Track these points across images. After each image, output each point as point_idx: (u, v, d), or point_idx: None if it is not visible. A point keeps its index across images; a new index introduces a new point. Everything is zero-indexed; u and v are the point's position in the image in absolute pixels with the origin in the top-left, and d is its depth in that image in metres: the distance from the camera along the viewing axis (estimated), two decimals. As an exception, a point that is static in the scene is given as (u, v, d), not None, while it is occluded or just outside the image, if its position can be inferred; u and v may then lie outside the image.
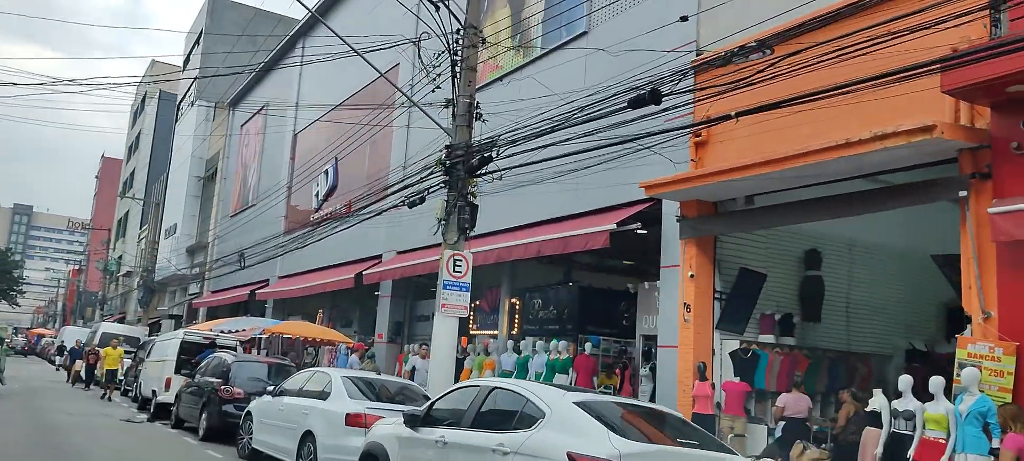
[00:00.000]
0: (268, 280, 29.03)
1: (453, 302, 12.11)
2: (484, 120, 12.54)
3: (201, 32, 45.33)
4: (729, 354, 11.55)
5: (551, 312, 15.91)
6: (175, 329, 38.64)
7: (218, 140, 39.36)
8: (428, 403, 7.17)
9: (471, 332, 18.50)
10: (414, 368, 15.82)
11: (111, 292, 58.90)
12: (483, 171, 11.69)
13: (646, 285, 13.55)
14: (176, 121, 50.13)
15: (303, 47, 30.68)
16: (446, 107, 12.97)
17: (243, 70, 36.36)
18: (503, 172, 11.34)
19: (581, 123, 10.12)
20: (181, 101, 49.82)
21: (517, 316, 16.66)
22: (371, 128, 22.47)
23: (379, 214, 16.84)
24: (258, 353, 21.21)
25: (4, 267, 74.45)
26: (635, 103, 8.94)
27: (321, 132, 27.68)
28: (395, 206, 14.62)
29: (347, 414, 9.08)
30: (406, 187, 13.74)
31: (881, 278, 13.29)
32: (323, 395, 9.88)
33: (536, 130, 10.70)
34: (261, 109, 34.04)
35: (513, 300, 16.92)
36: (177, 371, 16.62)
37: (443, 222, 12.45)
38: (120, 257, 57.91)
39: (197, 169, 40.84)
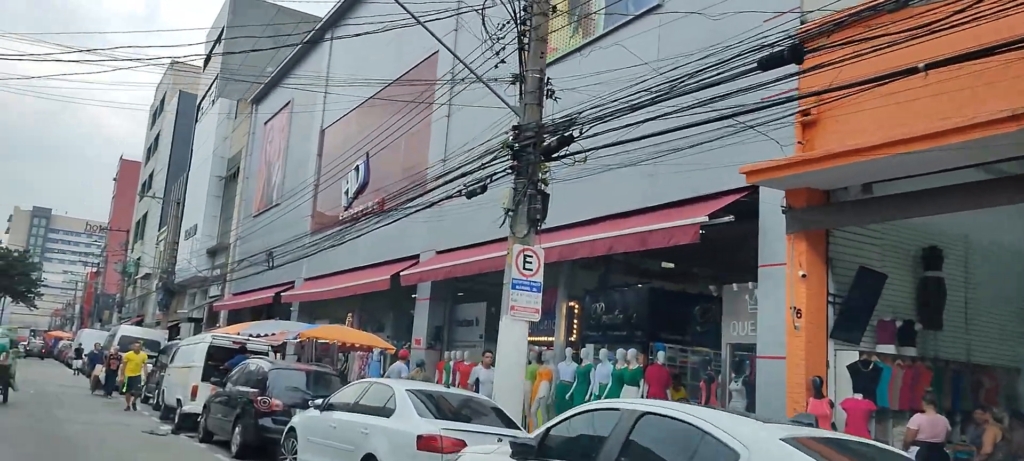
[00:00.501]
0: (294, 282, 27.58)
1: (523, 304, 10.59)
2: (557, 98, 11.02)
3: (222, 30, 44.10)
4: (847, 367, 9.92)
5: (616, 317, 14.32)
6: (195, 333, 37.34)
7: (240, 138, 38.04)
8: (542, 430, 5.59)
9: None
10: (478, 379, 14.25)
11: (129, 295, 57.70)
12: (562, 153, 10.13)
13: (734, 287, 11.94)
14: (196, 121, 48.93)
15: (331, 40, 29.31)
16: (513, 84, 11.45)
17: (267, 66, 35.11)
18: (587, 153, 9.75)
19: (694, 89, 8.52)
20: (202, 100, 48.63)
21: (576, 321, 15.07)
22: (407, 121, 20.96)
23: (429, 206, 15.29)
24: (282, 358, 19.73)
25: (23, 269, 73.52)
26: (767, 63, 7.36)
27: (350, 127, 26.24)
28: (447, 197, 13.05)
29: (419, 436, 7.53)
30: (465, 174, 12.18)
31: (1003, 280, 11.64)
32: (385, 411, 8.34)
33: (629, 103, 9.12)
34: (286, 105, 32.68)
35: (571, 303, 15.34)
36: (204, 378, 15.13)
37: (510, 213, 10.91)
38: (139, 259, 56.73)
39: (218, 169, 39.52)
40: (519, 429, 8.60)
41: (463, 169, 12.50)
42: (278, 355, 19.35)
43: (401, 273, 18.95)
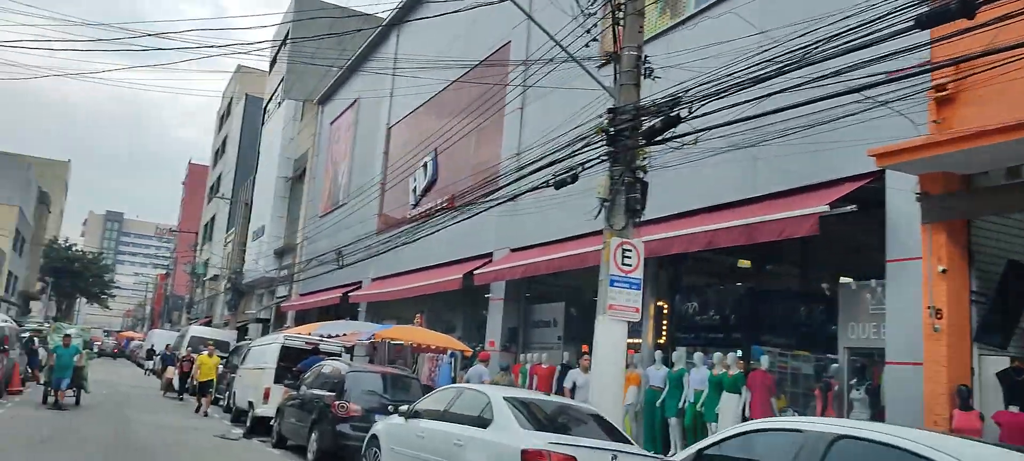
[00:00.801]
0: (361, 282, 27.12)
1: (622, 302, 9.67)
2: (655, 78, 10.05)
3: (287, 32, 44.20)
4: (996, 375, 8.70)
5: (711, 317, 13.25)
6: (263, 333, 37.36)
7: (306, 139, 37.95)
8: (692, 453, 4.64)
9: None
10: (575, 384, 13.35)
11: (198, 296, 58.58)
12: (667, 136, 9.16)
13: (852, 284, 10.77)
14: (263, 123, 49.26)
15: (397, 37, 28.84)
16: (606, 64, 10.54)
17: (332, 67, 34.88)
18: (699, 133, 8.75)
19: (820, 60, 7.47)
20: (268, 103, 48.93)
21: (665, 322, 14.03)
22: (478, 115, 20.20)
23: (508, 200, 14.48)
24: (351, 360, 19.08)
25: (96, 271, 75.59)
26: (930, 19, 6.27)
27: (418, 124, 25.67)
28: (533, 189, 12.17)
29: (524, 451, 6.66)
30: (552, 164, 11.29)
31: None
32: (481, 421, 7.49)
33: (749, 76, 8.09)
34: (352, 104, 32.36)
35: (659, 303, 14.30)
36: (277, 380, 14.58)
37: (606, 204, 9.99)
38: (207, 261, 57.53)
39: (285, 170, 39.53)
40: (629, 442, 7.67)
41: (547, 159, 11.61)
42: (349, 357, 18.75)
43: (474, 272, 18.19)
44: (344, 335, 17.61)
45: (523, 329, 18.41)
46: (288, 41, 45.79)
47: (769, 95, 8.03)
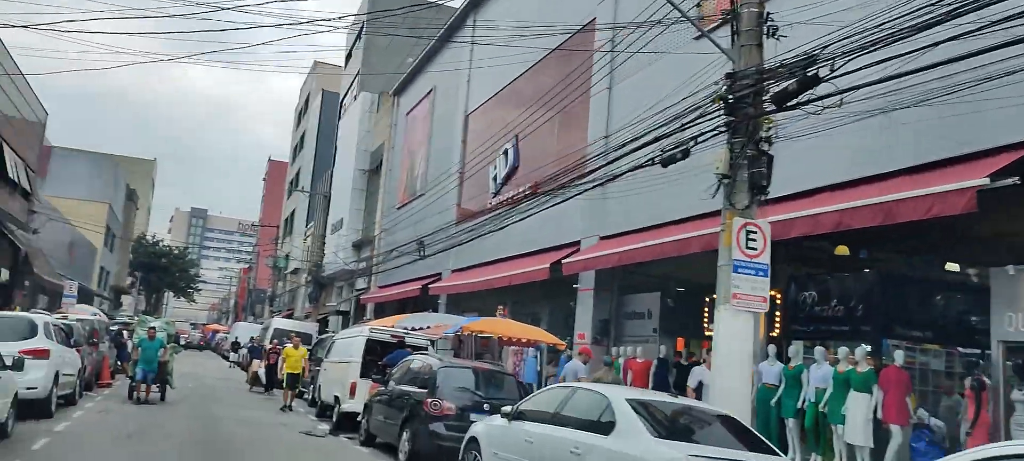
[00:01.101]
0: (440, 274, 26.53)
1: (747, 291, 8.60)
2: (779, 37, 8.89)
3: (362, 26, 44.11)
4: None
5: (833, 308, 11.96)
6: (343, 326, 37.35)
7: (383, 131, 37.68)
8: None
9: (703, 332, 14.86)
10: (701, 383, 12.33)
11: (280, 289, 59.48)
12: (801, 99, 8.01)
13: (1010, 270, 9.37)
14: (339, 117, 49.43)
15: (474, 23, 28.05)
16: (721, 25, 9.44)
17: (408, 57, 34.47)
18: (843, 94, 7.58)
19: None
20: (344, 97, 49.06)
21: (779, 313, 12.79)
22: (561, 98, 19.22)
23: (600, 185, 13.51)
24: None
25: (182, 266, 77.81)
26: None
27: (496, 110, 24.85)
28: (637, 167, 11.14)
29: (659, 464, 5.67)
30: (656, 140, 10.24)
31: None
32: (601, 427, 6.56)
33: (913, 23, 6.89)
34: (428, 93, 31.81)
35: (772, 292, 13.02)
36: (363, 375, 13.97)
37: (725, 181, 8.91)
38: (288, 254, 58.31)
39: (362, 162, 39.39)
40: (774, 451, 6.60)
41: (649, 135, 10.55)
42: (435, 349, 17.93)
43: (564, 261, 17.25)
44: (428, 328, 16.94)
45: (615, 321, 17.38)
46: (362, 35, 45.82)
47: (934, 45, 6.82)
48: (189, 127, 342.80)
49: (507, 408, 8.15)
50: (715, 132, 9.27)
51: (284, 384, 18.00)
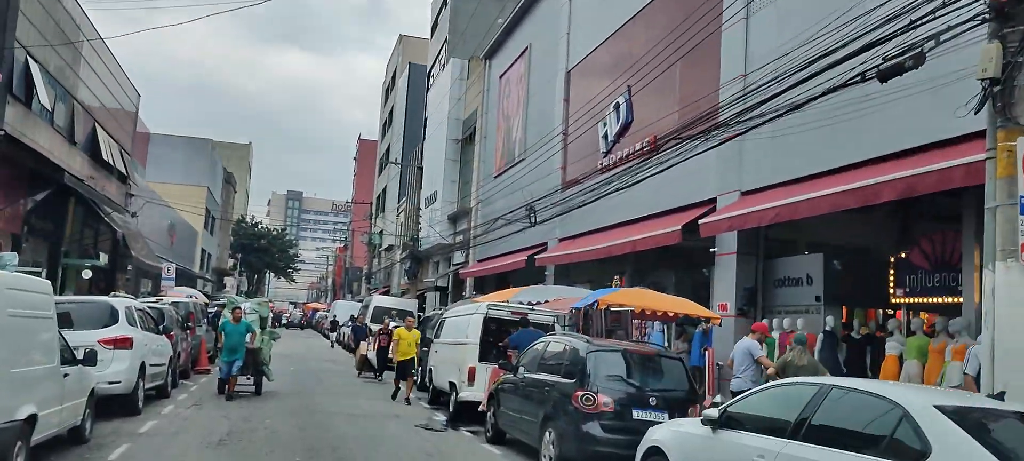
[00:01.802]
0: (546, 244, 24.37)
1: (1045, 240, 5.95)
2: None
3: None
4: None
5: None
6: (442, 303, 35.84)
7: (475, 98, 35.68)
8: None
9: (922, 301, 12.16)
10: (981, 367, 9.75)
11: (375, 266, 58.76)
12: None
13: None
14: (428, 89, 47.82)
15: (571, -30, 25.52)
16: None
17: (497, 18, 32.27)
18: None
19: None
20: (432, 67, 47.39)
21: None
22: (684, 39, 16.59)
23: (757, 126, 11.00)
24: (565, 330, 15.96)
25: (281, 246, 78.59)
26: None
27: (603, 62, 22.37)
28: (838, 87, 8.61)
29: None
30: (869, 47, 7.67)
31: None
32: (902, 451, 4.18)
33: None
34: (522, 53, 29.52)
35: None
36: (482, 358, 11.96)
37: (996, 88, 6.32)
38: (381, 231, 57.47)
39: (454, 132, 37.55)
40: None
41: (859, 43, 7.98)
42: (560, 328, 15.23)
43: (700, 221, 14.75)
44: (547, 302, 14.80)
45: (761, 290, 14.80)
46: (447, 3, 43.91)
47: None
48: (281, 114, 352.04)
49: (711, 411, 5.88)
50: (965, 26, 6.68)
51: (396, 374, 15.48)
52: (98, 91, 25.61)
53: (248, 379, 13.85)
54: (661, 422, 7.44)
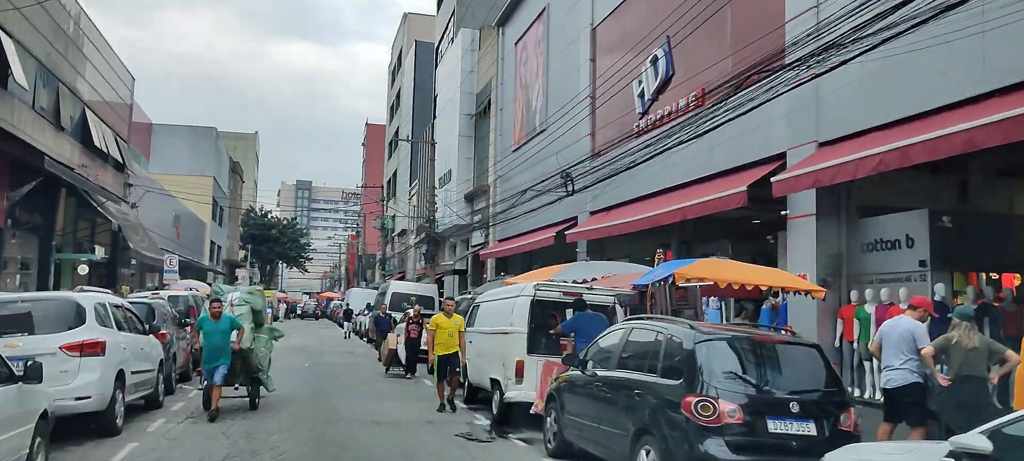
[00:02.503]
0: (576, 218, 22.19)
1: None
2: None
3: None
4: None
5: None
6: (461, 287, 33.75)
7: (488, 69, 33.36)
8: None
9: None
10: None
11: (389, 252, 56.64)
12: None
13: None
14: (436, 66, 45.50)
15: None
16: None
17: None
18: None
19: None
20: (439, 42, 45.05)
21: None
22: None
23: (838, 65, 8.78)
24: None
25: (292, 235, 76.66)
26: None
27: (635, 11, 20.05)
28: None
29: None
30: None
31: None
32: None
33: None
34: (540, 14, 27.16)
35: None
36: (531, 350, 9.81)
37: None
38: (393, 216, 55.37)
39: (467, 106, 35.27)
40: None
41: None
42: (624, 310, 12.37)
43: (772, 179, 12.50)
44: (595, 280, 12.62)
45: (848, 256, 12.55)
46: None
47: None
48: (285, 106, 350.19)
49: (968, 439, 3.69)
50: None
51: (435, 374, 12.13)
52: (89, 75, 23.49)
53: (237, 389, 11.18)
54: (808, 435, 5.29)
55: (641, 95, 19.00)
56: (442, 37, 44.53)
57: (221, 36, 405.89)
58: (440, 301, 26.37)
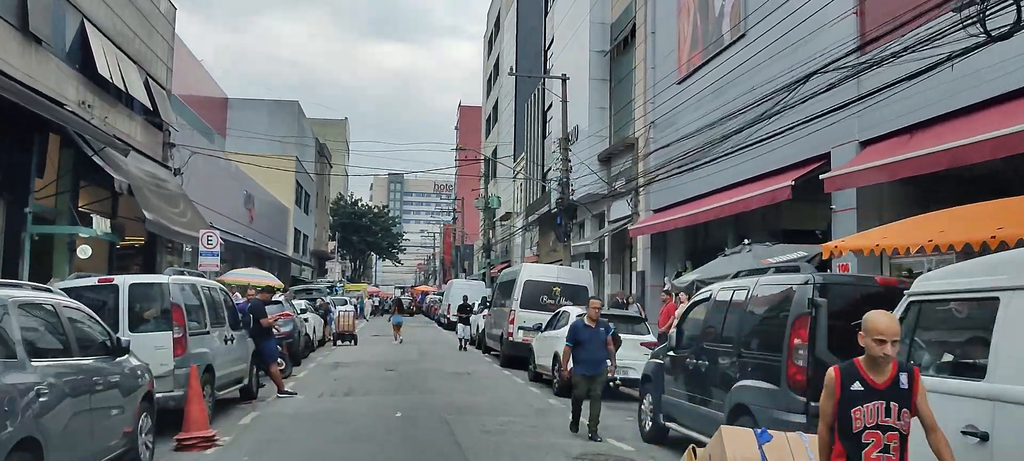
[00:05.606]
0: (828, 155, 13.06)
1: None
2: None
3: None
4: None
5: None
6: (595, 275, 25.24)
7: (629, -14, 24.46)
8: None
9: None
10: None
11: (492, 238, 48.36)
12: None
13: None
14: (545, 14, 36.96)
15: None
16: None
17: None
18: None
19: None
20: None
21: None
22: None
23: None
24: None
25: (384, 224, 69.77)
26: None
27: None
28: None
29: None
30: None
31: None
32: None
33: None
34: None
35: None
36: None
37: None
38: (498, 197, 47.14)
39: (599, 42, 26.48)
40: None
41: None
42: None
43: None
44: None
45: None
46: None
47: None
48: (379, 105, 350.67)
49: None
50: None
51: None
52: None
53: None
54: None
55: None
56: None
57: (314, 41, 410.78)
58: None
